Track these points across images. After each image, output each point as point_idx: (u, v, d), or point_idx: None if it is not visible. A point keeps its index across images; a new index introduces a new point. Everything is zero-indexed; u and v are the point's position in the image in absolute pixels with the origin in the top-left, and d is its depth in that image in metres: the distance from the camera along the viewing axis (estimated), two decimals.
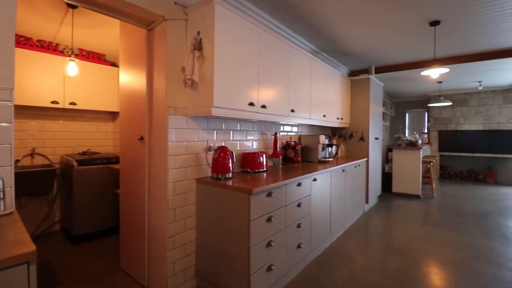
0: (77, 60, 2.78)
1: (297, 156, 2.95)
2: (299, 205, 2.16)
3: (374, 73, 4.36)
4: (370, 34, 3.10)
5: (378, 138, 4.37)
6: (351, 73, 4.74)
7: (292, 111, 2.52)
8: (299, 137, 3.30)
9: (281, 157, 2.72)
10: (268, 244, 1.80)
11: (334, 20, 2.73)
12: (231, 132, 2.31)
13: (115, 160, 2.99)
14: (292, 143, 2.98)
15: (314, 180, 2.40)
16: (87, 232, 2.80)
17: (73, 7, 2.29)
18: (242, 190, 1.66)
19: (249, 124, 2.50)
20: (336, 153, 3.63)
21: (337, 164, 2.90)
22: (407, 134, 7.74)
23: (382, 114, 5.43)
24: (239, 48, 1.87)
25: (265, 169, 2.34)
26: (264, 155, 2.34)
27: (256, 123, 2.59)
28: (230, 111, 1.83)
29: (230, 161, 1.97)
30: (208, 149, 2.07)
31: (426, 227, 3.33)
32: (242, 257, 1.67)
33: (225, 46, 1.74)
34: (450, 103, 5.58)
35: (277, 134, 2.73)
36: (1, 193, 1.02)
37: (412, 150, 4.95)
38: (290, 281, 2.11)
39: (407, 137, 5.96)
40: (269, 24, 2.67)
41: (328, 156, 3.31)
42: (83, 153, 3.13)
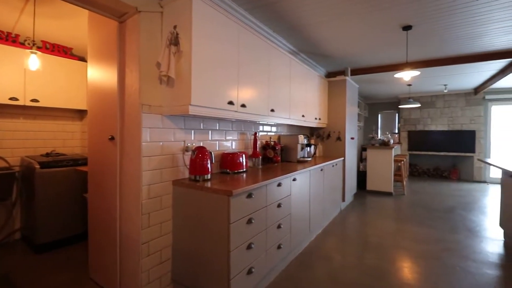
0: (39, 53, 2.55)
1: (276, 156, 2.94)
2: (279, 205, 2.14)
3: (350, 75, 4.48)
4: (346, 37, 3.17)
5: (353, 138, 4.51)
6: (328, 75, 4.84)
7: (272, 110, 2.50)
8: (279, 137, 3.29)
9: (260, 157, 2.69)
10: (249, 247, 1.75)
11: (312, 21, 2.75)
12: (210, 131, 2.24)
13: (83, 162, 2.79)
14: (272, 143, 2.97)
15: (294, 180, 2.40)
16: (52, 240, 2.58)
17: None
18: (221, 192, 1.60)
19: (228, 124, 2.44)
20: (315, 152, 3.68)
21: (316, 164, 2.93)
22: (379, 134, 8.08)
23: (357, 115, 5.61)
24: (218, 44, 1.81)
25: (244, 169, 2.29)
26: (243, 155, 2.30)
27: (236, 123, 2.54)
28: (209, 110, 1.77)
29: (209, 161, 1.90)
30: (185, 149, 1.99)
31: (398, 223, 3.48)
32: (221, 261, 1.61)
33: (203, 41, 1.67)
34: (419, 105, 5.90)
35: (257, 134, 2.69)
36: None
37: (384, 149, 5.17)
38: (271, 282, 2.09)
39: (380, 137, 6.21)
40: (248, 22, 2.63)
41: (307, 156, 3.34)
42: (47, 155, 2.89)
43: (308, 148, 3.39)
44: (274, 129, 3.23)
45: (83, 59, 3.26)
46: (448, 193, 5.29)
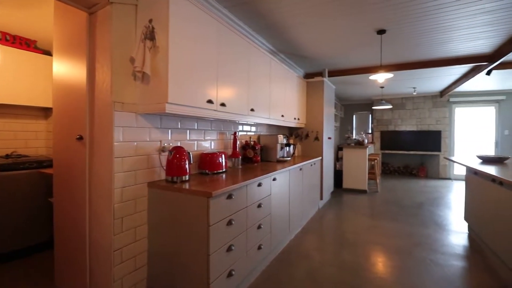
0: None
1: (256, 156, 2.92)
2: (259, 205, 2.12)
3: (327, 76, 4.59)
4: (324, 38, 3.23)
5: (330, 138, 4.62)
6: (306, 76, 4.92)
7: (252, 110, 2.47)
8: (258, 137, 3.28)
9: (240, 157, 2.66)
10: (229, 249, 1.72)
11: (291, 22, 2.77)
12: (188, 131, 2.17)
13: (47, 164, 2.58)
14: (252, 142, 2.94)
15: (274, 179, 2.40)
16: (12, 249, 2.35)
17: None
18: (200, 194, 1.55)
19: (207, 123, 2.38)
20: (294, 152, 3.71)
21: (295, 163, 2.95)
22: (354, 134, 8.38)
23: (334, 115, 5.76)
24: (196, 40, 1.75)
25: (224, 170, 2.25)
26: (223, 156, 2.25)
27: (215, 122, 2.48)
28: (187, 109, 1.70)
29: (187, 162, 1.83)
30: (162, 149, 1.90)
31: (373, 219, 3.61)
32: (201, 265, 1.56)
33: (181, 37, 1.60)
34: (390, 106, 6.19)
35: (237, 134, 2.66)
36: None
37: (359, 148, 5.35)
38: (251, 284, 2.06)
39: (355, 137, 6.43)
40: (228, 20, 2.59)
41: (286, 156, 3.36)
42: (7, 156, 2.63)
43: (288, 147, 3.41)
44: (253, 128, 3.21)
45: (48, 53, 3.02)
46: (417, 190, 5.60)
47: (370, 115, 8.33)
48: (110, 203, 1.56)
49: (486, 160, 3.15)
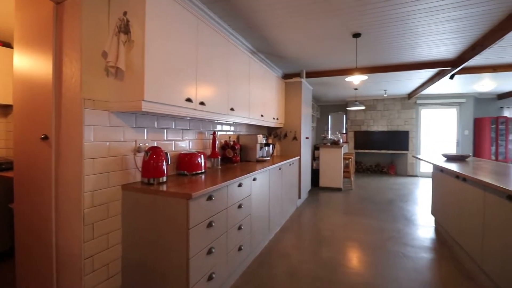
0: None
1: (236, 156, 2.89)
2: (240, 206, 2.10)
3: (305, 77, 4.67)
4: (302, 40, 3.28)
5: (308, 138, 4.71)
6: (285, 76, 4.97)
7: (232, 109, 2.44)
8: (237, 137, 3.25)
9: (219, 157, 2.61)
10: (209, 252, 1.67)
11: (270, 22, 2.77)
12: (165, 131, 2.08)
13: (7, 166, 2.35)
14: (231, 142, 2.91)
15: (254, 179, 2.38)
16: None
17: None
18: (179, 195, 1.49)
19: (185, 122, 2.30)
20: (273, 152, 3.73)
21: (274, 163, 2.96)
22: (330, 134, 8.63)
23: (311, 115, 5.89)
24: (174, 36, 1.68)
25: (203, 170, 2.19)
26: (202, 156, 2.19)
27: (193, 122, 2.41)
28: (164, 107, 1.63)
29: (164, 163, 1.76)
30: (137, 150, 1.81)
31: (348, 216, 3.74)
32: (180, 269, 1.50)
33: (158, 32, 1.53)
34: (363, 108, 6.46)
35: (216, 134, 2.61)
36: None
37: (335, 148, 5.52)
38: (232, 285, 2.03)
39: (330, 137, 6.63)
40: (207, 17, 2.53)
41: (265, 155, 3.36)
42: None
43: (267, 147, 3.41)
44: (232, 128, 3.17)
45: (8, 44, 2.74)
46: (387, 187, 5.90)
47: (345, 116, 8.63)
48: (79, 208, 1.44)
49: (450, 158, 3.39)
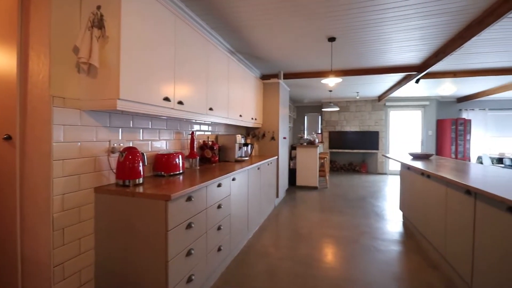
0: None
1: (214, 156, 2.86)
2: (219, 206, 2.09)
3: (283, 79, 4.75)
4: (280, 42, 3.34)
5: (286, 138, 4.79)
6: (263, 77, 5.01)
7: (211, 109, 2.42)
8: (216, 137, 3.22)
9: (198, 157, 2.57)
10: (188, 253, 1.65)
11: (248, 23, 2.78)
12: (141, 130, 2.01)
13: None
14: (210, 142, 2.88)
15: (233, 179, 2.38)
16: None
17: None
18: (157, 197, 1.45)
19: (162, 122, 2.24)
20: (251, 152, 3.75)
21: (253, 163, 2.98)
22: (306, 134, 8.85)
23: (288, 116, 6.00)
24: (152, 33, 1.63)
25: (181, 171, 2.15)
26: (180, 156, 2.15)
27: (171, 121, 2.36)
28: (141, 106, 1.58)
29: (141, 164, 1.70)
30: (112, 150, 1.73)
31: (324, 214, 3.87)
32: (158, 273, 1.46)
33: (134, 28, 1.48)
34: (337, 109, 6.71)
35: (194, 134, 2.57)
36: None
37: (311, 148, 5.67)
38: (211, 286, 2.02)
39: (306, 137, 6.80)
40: (185, 15, 2.48)
41: (244, 155, 3.37)
42: None
43: (246, 147, 3.43)
44: (210, 128, 3.14)
45: None
46: (360, 185, 6.18)
47: (320, 117, 8.90)
48: (48, 212, 1.35)
49: (416, 156, 3.64)
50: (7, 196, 1.44)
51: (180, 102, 1.94)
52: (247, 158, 3.34)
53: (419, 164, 2.89)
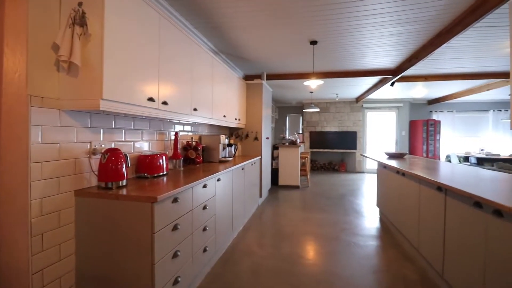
0: None
1: (198, 157, 2.84)
2: (205, 207, 2.09)
3: (266, 80, 4.80)
4: (263, 43, 3.38)
5: (268, 138, 4.85)
6: (246, 77, 5.03)
7: (195, 109, 2.40)
8: (200, 137, 3.20)
9: (182, 158, 2.55)
10: (175, 255, 1.64)
11: (232, 23, 2.80)
12: (123, 131, 1.96)
13: None
14: (194, 143, 2.85)
15: (219, 180, 2.39)
16: None
17: None
18: (143, 199, 1.43)
19: (145, 123, 2.20)
20: (235, 152, 3.76)
21: (237, 163, 3.00)
22: (287, 135, 8.99)
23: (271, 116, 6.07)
24: (136, 32, 1.60)
25: (165, 172, 2.12)
26: (164, 157, 2.12)
27: (154, 122, 2.31)
28: (125, 106, 1.54)
29: (124, 165, 1.66)
30: (93, 152, 1.67)
31: (306, 212, 3.97)
32: (144, 276, 1.44)
33: (118, 26, 1.44)
34: (318, 110, 6.89)
35: (178, 134, 2.54)
36: None
37: (293, 148, 5.78)
38: (197, 287, 2.02)
39: (288, 137, 6.91)
40: (170, 14, 2.44)
41: (228, 156, 3.38)
42: None
43: (229, 148, 3.43)
44: (194, 128, 3.11)
45: None
46: (339, 183, 6.39)
47: (301, 117, 9.08)
48: (25, 218, 1.29)
49: (391, 156, 3.83)
50: None
51: (165, 103, 1.92)
52: (231, 159, 3.34)
53: (394, 163, 3.06)
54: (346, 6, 2.42)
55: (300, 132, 8.97)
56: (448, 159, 7.24)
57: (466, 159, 6.81)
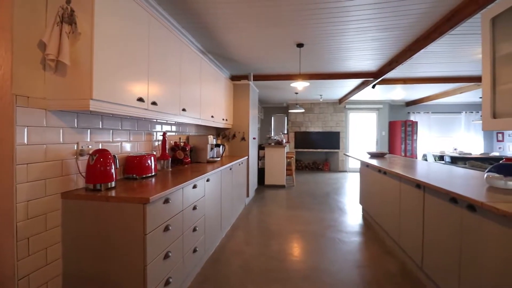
0: None
1: (186, 157, 2.83)
2: (194, 208, 2.09)
3: (252, 80, 4.84)
4: (251, 45, 3.41)
5: (255, 138, 4.89)
6: (232, 78, 5.05)
7: (184, 110, 2.39)
8: (187, 138, 3.18)
9: (170, 158, 2.53)
10: (166, 256, 1.63)
11: (220, 24, 2.81)
12: (111, 131, 1.92)
13: None
14: (182, 143, 2.84)
15: (208, 180, 2.40)
16: None
17: None
18: (135, 200, 1.42)
19: (133, 123, 2.16)
20: (223, 152, 3.76)
21: (225, 164, 3.01)
22: (273, 135, 9.08)
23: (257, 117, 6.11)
24: (126, 31, 1.58)
25: (154, 173, 2.10)
26: (152, 158, 2.10)
27: (141, 122, 2.28)
28: (115, 106, 1.52)
29: (113, 167, 1.64)
30: (80, 153, 1.63)
31: (292, 210, 4.05)
32: (136, 277, 1.43)
33: (108, 25, 1.42)
34: (303, 110, 7.02)
35: (166, 134, 2.51)
36: None
37: (279, 148, 5.86)
38: (188, 287, 2.02)
39: (274, 137, 6.99)
40: (157, 13, 2.41)
41: (216, 156, 3.38)
42: None
43: (217, 148, 3.44)
44: (181, 129, 3.09)
45: None
46: (323, 182, 6.56)
47: (286, 117, 9.20)
48: (11, 222, 1.24)
49: (373, 155, 4.00)
50: None
51: (154, 103, 1.90)
52: (219, 159, 3.35)
53: (376, 162, 3.19)
54: (332, 12, 2.51)
55: (286, 132, 9.09)
56: (425, 158, 7.62)
57: (441, 158, 7.20)
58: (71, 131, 1.58)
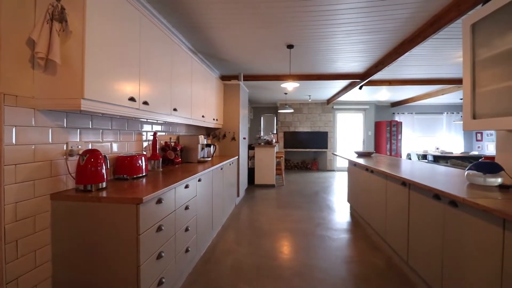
0: None
1: (177, 157, 2.82)
2: (187, 207, 2.09)
3: (243, 80, 4.85)
4: (241, 45, 3.43)
5: (245, 138, 4.91)
6: (222, 78, 5.04)
7: (175, 110, 2.38)
8: (178, 137, 3.16)
9: (160, 159, 2.51)
10: (159, 256, 1.63)
11: (211, 24, 2.81)
12: (101, 131, 1.89)
13: None
14: (172, 143, 2.82)
15: (199, 180, 2.40)
16: None
17: None
18: (128, 201, 1.41)
19: (123, 123, 2.14)
20: (214, 152, 3.76)
21: (216, 163, 3.02)
22: (262, 135, 9.12)
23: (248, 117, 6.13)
24: (118, 30, 1.57)
25: (145, 173, 2.08)
26: (143, 158, 2.08)
27: (131, 122, 2.26)
28: (107, 106, 1.50)
29: (104, 167, 1.62)
30: (69, 153, 1.60)
31: (282, 209, 4.10)
32: (129, 278, 1.42)
33: (100, 23, 1.41)
34: (292, 110, 7.10)
35: (156, 134, 2.49)
36: None
37: (269, 148, 5.91)
38: (181, 287, 2.02)
39: (264, 137, 7.04)
40: (149, 13, 2.38)
41: (206, 156, 3.38)
42: None
43: (208, 148, 3.43)
44: (171, 129, 3.07)
45: None
46: (312, 181, 6.66)
47: (275, 117, 9.27)
48: None
49: (360, 154, 4.10)
50: None
51: (145, 103, 1.89)
52: (209, 159, 3.35)
53: (363, 161, 3.29)
54: (321, 14, 2.57)
55: (275, 132, 9.16)
56: (409, 157, 7.88)
57: (424, 156, 7.47)
58: (60, 131, 1.55)
